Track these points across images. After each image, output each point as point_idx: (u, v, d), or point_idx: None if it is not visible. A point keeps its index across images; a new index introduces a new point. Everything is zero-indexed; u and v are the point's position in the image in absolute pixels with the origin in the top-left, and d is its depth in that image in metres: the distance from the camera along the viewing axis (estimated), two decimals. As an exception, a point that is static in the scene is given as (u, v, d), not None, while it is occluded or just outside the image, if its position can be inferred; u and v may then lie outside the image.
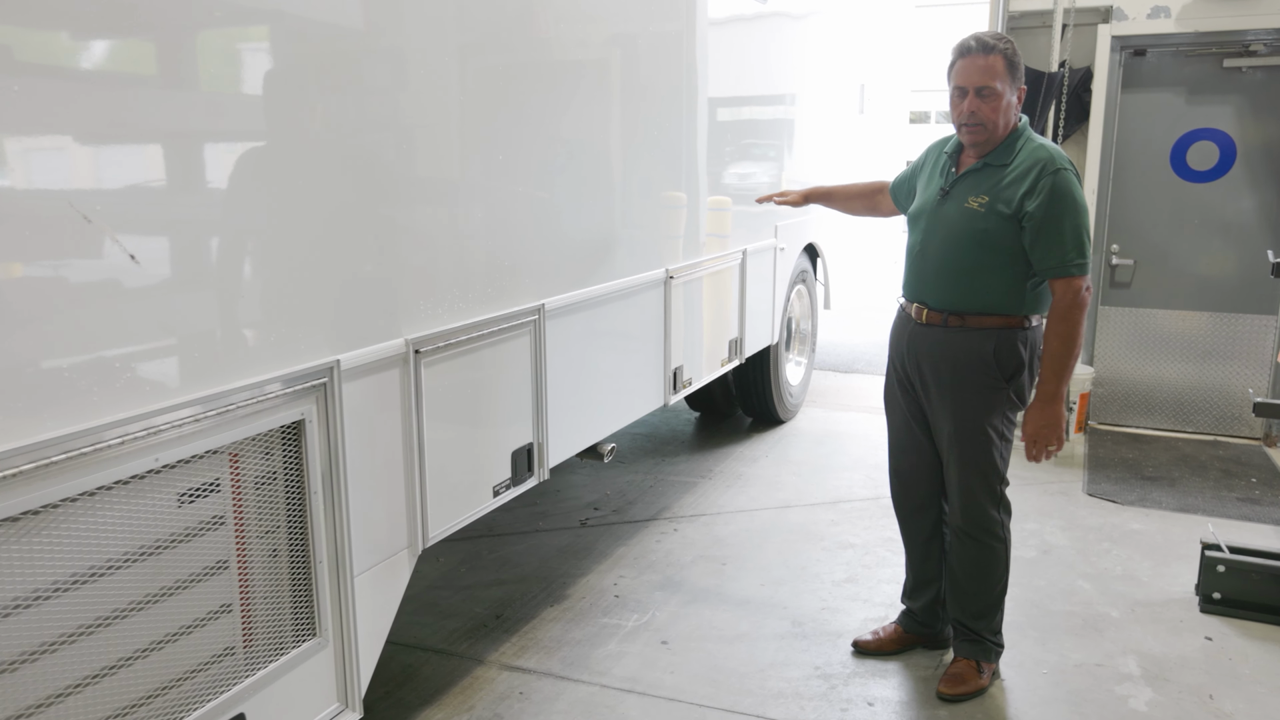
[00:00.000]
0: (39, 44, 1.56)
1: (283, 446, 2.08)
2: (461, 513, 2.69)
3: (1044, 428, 2.76)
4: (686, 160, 4.03)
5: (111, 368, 1.66)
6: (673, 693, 2.97)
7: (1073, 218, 2.65)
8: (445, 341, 2.53)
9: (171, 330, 1.78)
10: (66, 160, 1.61)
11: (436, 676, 3.07)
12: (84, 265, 1.63)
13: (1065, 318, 2.69)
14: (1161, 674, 3.06)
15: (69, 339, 1.61)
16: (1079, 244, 2.66)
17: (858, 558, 3.94)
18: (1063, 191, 2.65)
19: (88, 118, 1.63)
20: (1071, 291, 2.67)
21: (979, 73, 2.67)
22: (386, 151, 2.32)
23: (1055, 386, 2.74)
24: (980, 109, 2.68)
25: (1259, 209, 5.33)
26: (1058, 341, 2.71)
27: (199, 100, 1.85)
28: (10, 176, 1.51)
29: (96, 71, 1.65)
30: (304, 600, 2.17)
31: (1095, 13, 5.45)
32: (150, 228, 1.75)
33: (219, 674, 1.98)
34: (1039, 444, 2.79)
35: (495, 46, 2.73)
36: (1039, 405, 2.76)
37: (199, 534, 1.89)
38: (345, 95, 2.19)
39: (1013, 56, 2.68)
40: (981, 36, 2.68)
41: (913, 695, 2.96)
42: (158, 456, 1.72)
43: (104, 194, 1.65)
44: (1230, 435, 5.55)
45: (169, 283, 1.78)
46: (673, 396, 4.03)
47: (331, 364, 2.13)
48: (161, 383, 1.75)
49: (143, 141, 1.74)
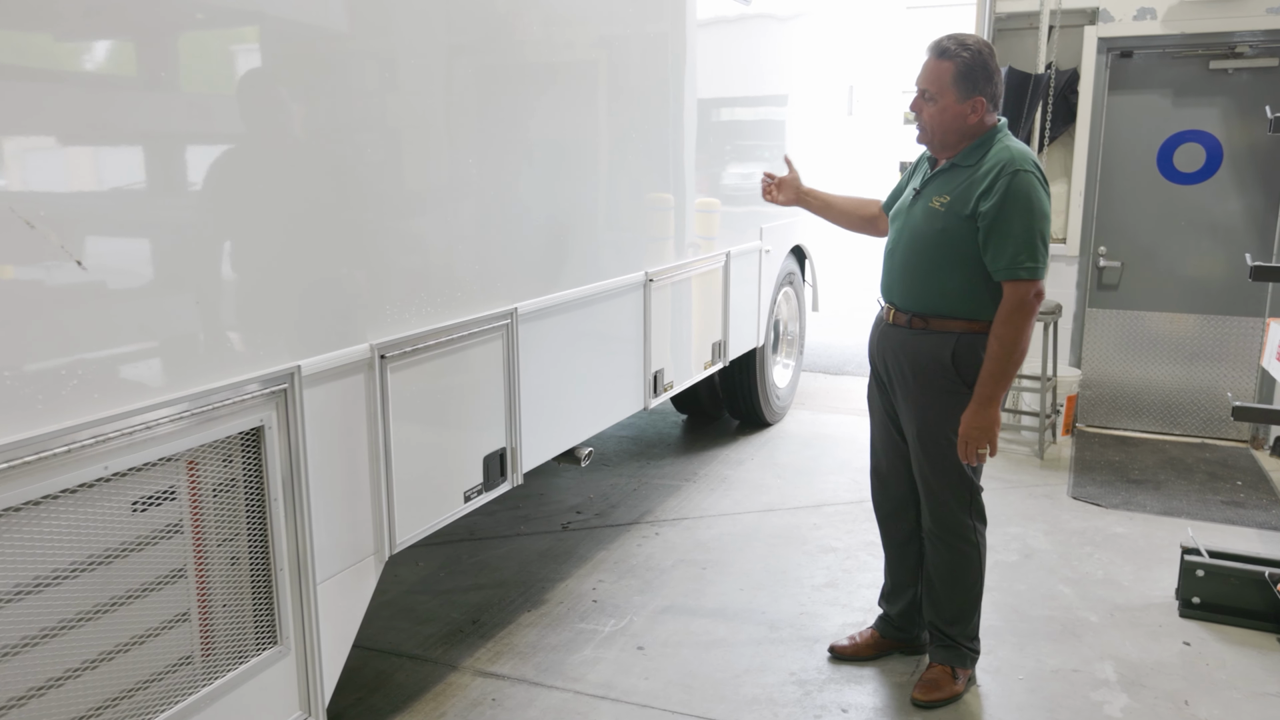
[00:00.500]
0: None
1: (242, 453, 2.07)
2: (431, 518, 2.67)
3: (975, 430, 2.70)
4: (668, 162, 4.02)
5: (58, 375, 1.64)
6: (646, 699, 2.96)
7: (1025, 219, 2.59)
8: (413, 346, 2.51)
9: (121, 337, 1.76)
10: (7, 162, 1.59)
11: (409, 683, 3.05)
12: (27, 270, 1.61)
13: (1008, 321, 2.63)
14: (1138, 680, 3.04)
15: (12, 346, 1.59)
16: (1031, 247, 2.59)
17: (839, 562, 3.93)
18: (1018, 193, 2.59)
19: (29, 118, 1.61)
20: (1018, 295, 2.62)
21: (924, 75, 2.69)
22: (351, 152, 2.31)
23: (991, 390, 2.66)
24: (921, 110, 2.69)
25: (1245, 211, 5.32)
26: (997, 344, 2.64)
27: (154, 101, 1.83)
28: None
29: (38, 70, 1.64)
30: (265, 608, 2.15)
31: (1082, 14, 5.44)
32: (99, 231, 1.73)
33: (176, 683, 1.96)
34: (969, 446, 2.72)
35: (464, 47, 2.72)
36: (974, 407, 2.69)
37: (154, 542, 1.88)
38: (308, 95, 2.18)
39: (968, 66, 2.63)
40: (942, 41, 2.66)
41: (888, 701, 2.95)
42: (107, 465, 1.70)
43: (48, 197, 1.64)
44: (1218, 438, 5.54)
45: (118, 287, 1.77)
46: (653, 400, 4.01)
47: (292, 369, 2.11)
48: (111, 390, 1.73)
49: (91, 143, 1.72)
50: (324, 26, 2.22)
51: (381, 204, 2.42)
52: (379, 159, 2.40)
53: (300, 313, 2.18)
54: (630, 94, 3.68)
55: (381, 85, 2.41)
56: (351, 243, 2.32)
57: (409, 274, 2.53)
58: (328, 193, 2.24)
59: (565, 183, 3.25)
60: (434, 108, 2.60)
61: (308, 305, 2.20)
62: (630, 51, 3.68)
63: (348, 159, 2.30)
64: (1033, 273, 2.61)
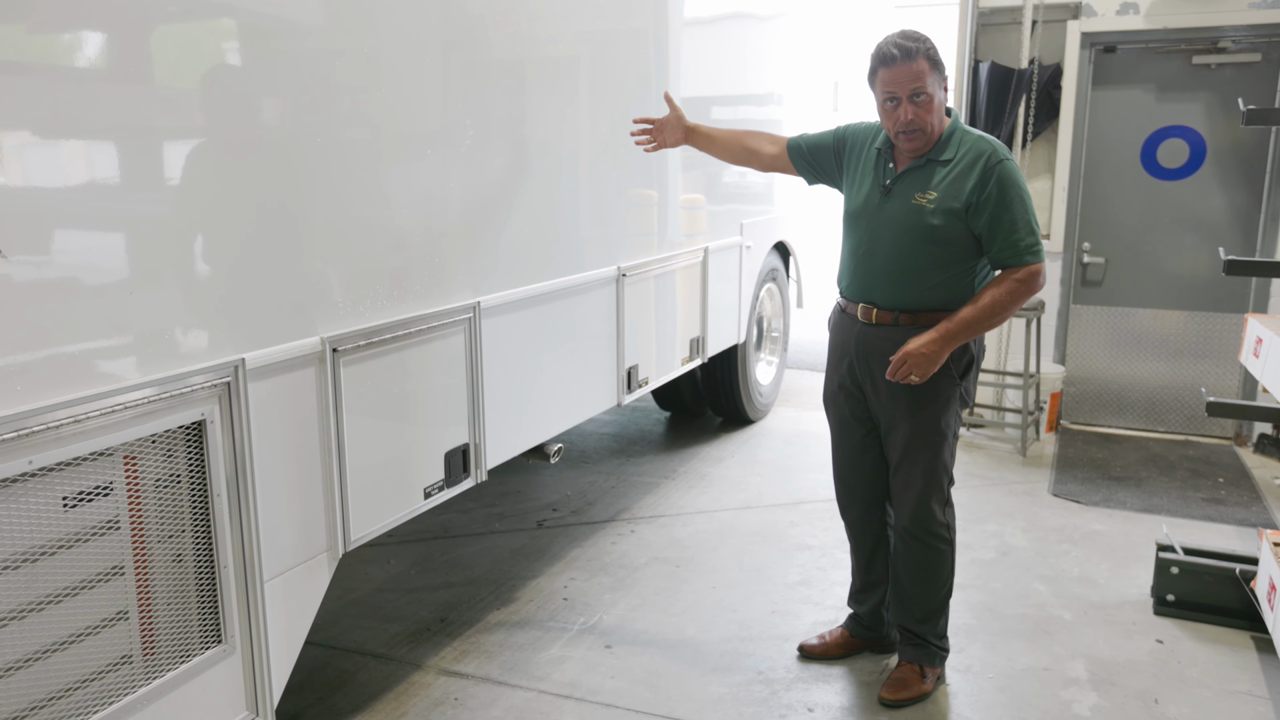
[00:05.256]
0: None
1: (185, 447, 2.03)
2: (388, 515, 2.64)
3: (920, 356, 2.64)
4: (643, 156, 3.97)
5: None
6: (611, 698, 2.92)
7: (1021, 206, 2.63)
8: (367, 340, 2.47)
9: (47, 327, 1.72)
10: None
11: (372, 682, 3.01)
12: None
13: (1012, 289, 2.63)
14: (1109, 678, 3.00)
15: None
16: (1030, 230, 2.64)
17: (813, 559, 3.89)
18: (1010, 181, 2.63)
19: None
20: (1029, 274, 2.64)
21: (909, 79, 2.60)
22: (300, 134, 2.26)
23: (958, 331, 2.63)
24: (918, 115, 2.63)
25: (1229, 206, 5.28)
26: (989, 299, 2.63)
27: (84, 90, 1.79)
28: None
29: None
30: (209, 606, 2.11)
31: (1065, 9, 5.41)
32: (25, 218, 1.69)
33: (114, 683, 1.92)
34: (906, 367, 2.67)
35: (427, 37, 2.67)
36: (933, 336, 2.64)
37: (88, 539, 1.84)
38: (254, 83, 2.14)
39: (933, 54, 2.63)
40: (900, 42, 2.61)
41: (854, 701, 2.91)
42: (31, 459, 1.66)
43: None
44: (1202, 435, 5.51)
45: (46, 277, 1.73)
46: (627, 396, 3.97)
47: (235, 363, 2.08)
48: (35, 383, 1.69)
49: (14, 129, 1.68)
50: (276, 16, 2.17)
51: (336, 194, 2.38)
52: (333, 147, 2.36)
53: (245, 304, 2.14)
54: (604, 86, 3.64)
55: (334, 75, 2.37)
56: (302, 233, 2.28)
57: (364, 266, 2.49)
58: (277, 181, 2.20)
59: (534, 176, 3.21)
60: (393, 97, 2.55)
61: (253, 297, 2.16)
62: (605, 44, 3.64)
63: (299, 146, 2.26)
64: (1038, 255, 2.66)
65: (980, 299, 2.66)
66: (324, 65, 2.34)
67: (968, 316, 2.65)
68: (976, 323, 2.65)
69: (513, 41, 3.07)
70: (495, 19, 2.95)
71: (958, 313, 2.66)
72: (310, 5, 2.29)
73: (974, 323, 2.65)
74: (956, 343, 2.67)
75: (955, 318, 2.65)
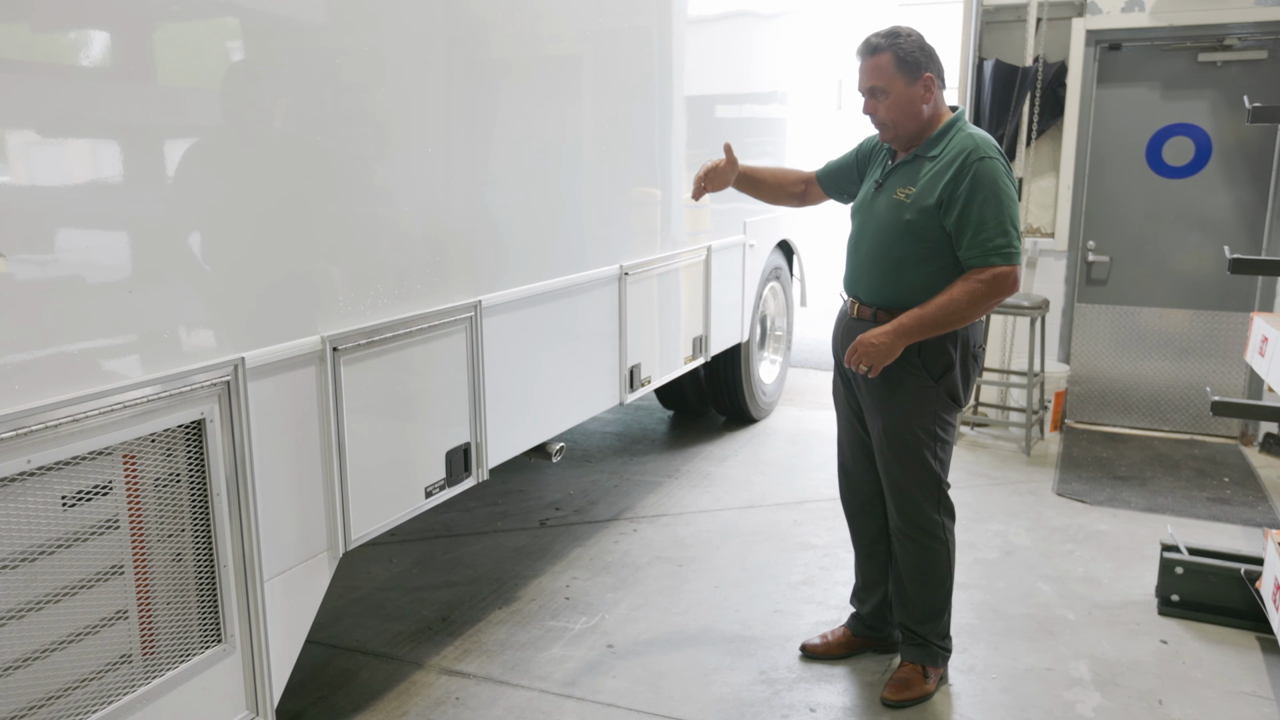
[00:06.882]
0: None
1: (185, 447, 2.02)
2: (389, 514, 2.63)
3: (873, 347, 2.62)
4: (646, 155, 3.97)
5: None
6: (612, 698, 2.91)
7: (995, 205, 2.55)
8: (368, 339, 2.47)
9: (46, 327, 1.72)
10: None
11: (374, 681, 3.01)
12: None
13: (973, 291, 2.56)
14: (1112, 678, 2.99)
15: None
16: (1004, 231, 2.56)
17: (816, 559, 3.88)
18: (984, 179, 2.56)
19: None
20: (993, 276, 2.56)
21: (866, 74, 2.66)
22: (302, 133, 2.26)
23: (914, 326, 2.59)
24: (876, 109, 2.66)
25: (1235, 204, 5.26)
26: (948, 299, 2.57)
27: (85, 90, 1.79)
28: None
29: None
30: (209, 605, 2.11)
31: (1070, 6, 5.39)
32: (25, 218, 1.68)
33: (114, 682, 1.92)
34: (858, 355, 2.65)
35: (430, 35, 2.67)
36: (889, 329, 2.61)
37: (87, 538, 1.83)
38: (258, 81, 2.13)
39: (905, 52, 2.61)
40: (869, 38, 2.65)
41: (856, 701, 2.90)
42: (29, 458, 1.66)
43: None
44: (1207, 434, 5.48)
45: (45, 276, 1.72)
46: (630, 395, 3.96)
47: (235, 361, 2.07)
48: (34, 382, 1.69)
49: (15, 127, 1.68)
50: (278, 15, 2.17)
51: (337, 193, 2.37)
52: (335, 146, 2.35)
53: (245, 303, 2.13)
54: (608, 85, 3.63)
55: (337, 74, 2.36)
56: (303, 232, 2.28)
57: (365, 264, 2.49)
58: (277, 179, 2.19)
59: (537, 175, 3.21)
60: (395, 96, 2.55)
61: (254, 296, 2.16)
62: (608, 42, 3.63)
63: (301, 144, 2.25)
64: (1008, 257, 2.57)
65: (939, 296, 2.61)
66: (327, 64, 2.33)
67: (921, 313, 2.60)
68: (933, 320, 2.60)
69: (516, 40, 3.06)
70: (499, 17, 2.95)
71: (915, 311, 2.61)
72: (313, 4, 2.28)
73: (929, 320, 2.60)
74: (911, 338, 2.62)
75: (911, 313, 2.61)
